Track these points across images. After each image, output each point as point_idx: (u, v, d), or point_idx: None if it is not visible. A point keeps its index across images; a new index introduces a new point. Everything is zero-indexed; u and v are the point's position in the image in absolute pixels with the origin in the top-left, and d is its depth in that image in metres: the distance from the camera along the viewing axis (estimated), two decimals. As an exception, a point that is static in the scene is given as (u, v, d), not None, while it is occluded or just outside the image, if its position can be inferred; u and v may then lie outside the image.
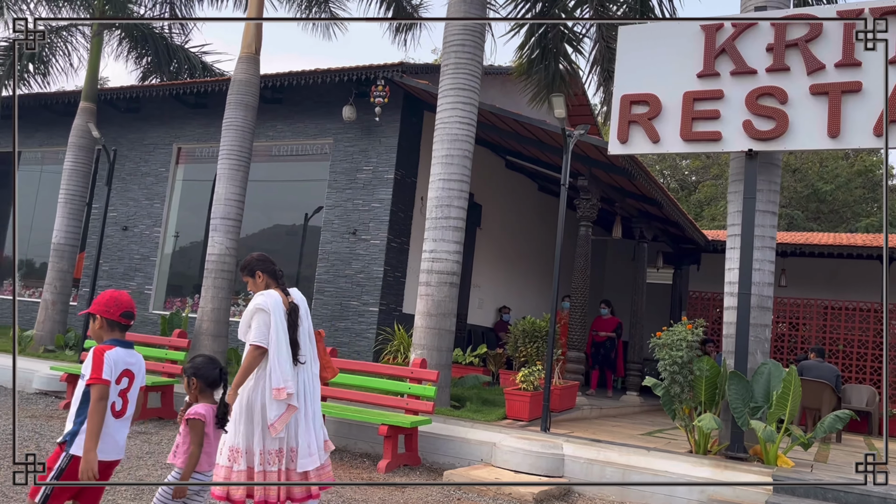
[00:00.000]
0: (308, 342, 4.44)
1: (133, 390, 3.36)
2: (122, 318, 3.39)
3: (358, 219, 11.94)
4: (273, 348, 4.17)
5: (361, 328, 11.52)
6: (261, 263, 4.49)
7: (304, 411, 4.27)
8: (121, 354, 3.30)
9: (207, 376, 3.73)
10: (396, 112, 11.79)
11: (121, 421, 3.30)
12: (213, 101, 13.42)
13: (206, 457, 3.65)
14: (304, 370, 4.36)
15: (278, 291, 4.39)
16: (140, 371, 3.42)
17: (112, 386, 3.23)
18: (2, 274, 16.04)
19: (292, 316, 4.33)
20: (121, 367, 3.28)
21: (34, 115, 15.54)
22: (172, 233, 14.18)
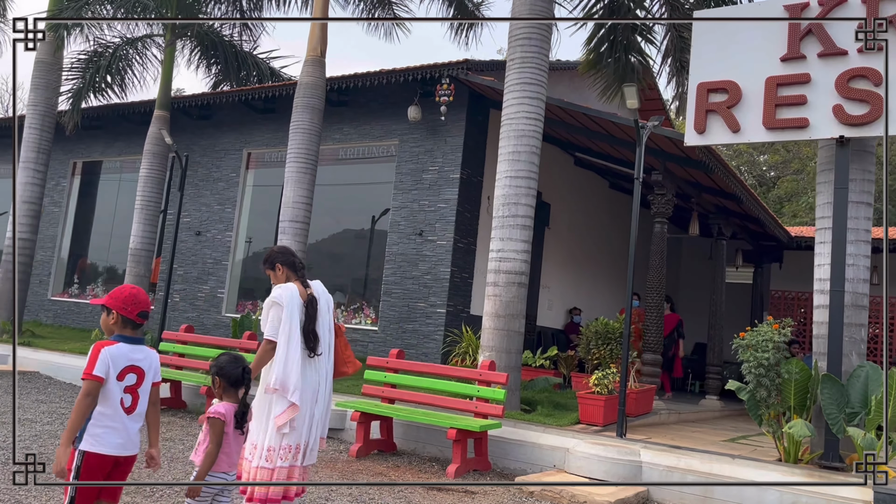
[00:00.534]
0: (327, 335, 4.40)
1: (144, 386, 3.28)
2: (138, 317, 3.32)
3: (424, 220, 11.83)
4: (281, 343, 4.16)
5: (429, 330, 11.38)
6: (281, 256, 4.48)
7: (316, 404, 4.25)
8: (123, 350, 3.22)
9: (230, 375, 3.69)
10: (462, 111, 11.62)
11: (132, 417, 3.22)
12: (281, 106, 13.57)
13: (225, 457, 3.59)
14: (321, 361, 4.32)
15: (298, 284, 4.36)
16: (150, 367, 3.32)
17: (114, 382, 3.16)
18: (85, 280, 16.66)
19: (311, 308, 4.28)
20: (122, 364, 3.20)
21: (113, 125, 16.09)
22: (244, 237, 14.41)
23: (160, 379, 3.42)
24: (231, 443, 3.62)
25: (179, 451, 6.62)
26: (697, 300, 17.40)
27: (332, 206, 13.26)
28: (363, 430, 7.30)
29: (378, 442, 7.52)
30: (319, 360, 4.31)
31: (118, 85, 14.20)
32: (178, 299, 14.44)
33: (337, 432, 8.09)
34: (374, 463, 6.98)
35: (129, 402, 3.22)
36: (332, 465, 6.67)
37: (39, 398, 8.78)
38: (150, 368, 3.32)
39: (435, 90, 11.20)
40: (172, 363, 9.20)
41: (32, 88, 13.88)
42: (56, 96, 13.98)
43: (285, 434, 4.11)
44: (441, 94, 10.96)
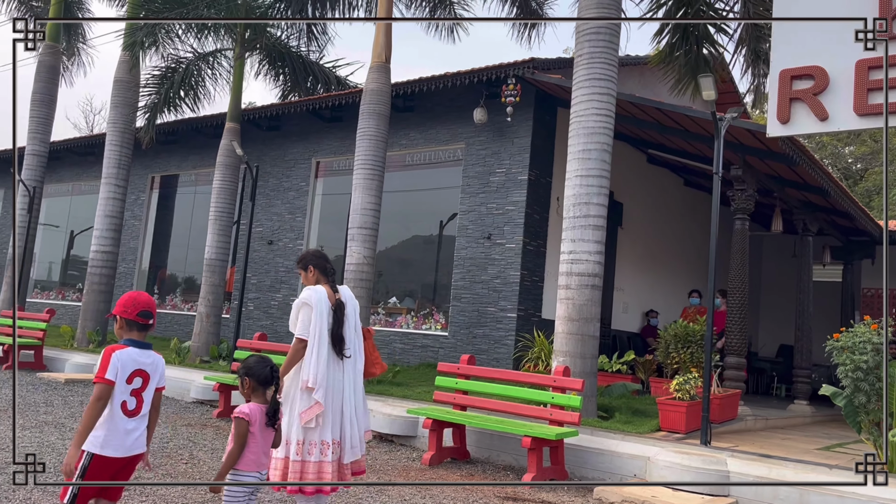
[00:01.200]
0: (354, 337, 4.56)
1: (148, 390, 3.36)
2: (139, 317, 3.37)
3: (492, 223, 11.65)
4: (312, 342, 4.34)
5: (500, 335, 11.19)
6: (315, 259, 4.65)
7: (344, 403, 4.40)
8: (132, 354, 3.30)
9: (259, 375, 3.71)
10: (528, 111, 11.41)
11: (136, 419, 3.30)
12: (348, 114, 13.66)
13: (253, 457, 3.61)
14: (349, 364, 4.49)
15: (327, 288, 4.53)
16: (156, 371, 3.39)
17: (122, 385, 3.24)
18: (165, 290, 17.18)
19: (338, 312, 4.47)
20: (131, 368, 3.28)
21: (187, 139, 16.56)
22: (315, 245, 14.56)
23: (164, 385, 3.48)
24: (259, 443, 3.63)
25: (254, 459, 6.63)
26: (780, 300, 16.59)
27: (400, 212, 13.24)
28: (436, 437, 7.17)
29: (451, 450, 7.37)
30: (346, 362, 4.47)
31: (192, 99, 14.58)
32: (252, 308, 14.69)
33: (408, 440, 7.99)
34: (447, 471, 6.83)
35: (134, 405, 3.29)
36: (404, 474, 6.56)
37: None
38: (155, 373, 3.39)
39: (500, 91, 11.02)
40: (247, 371, 9.30)
41: (112, 107, 14.40)
42: (134, 113, 14.47)
43: (311, 429, 4.25)
44: (507, 94, 10.77)
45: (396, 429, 7.99)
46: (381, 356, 12.25)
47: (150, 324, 3.43)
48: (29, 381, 10.41)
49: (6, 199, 21.04)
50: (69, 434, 6.97)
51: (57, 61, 17.31)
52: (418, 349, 12.18)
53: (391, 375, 10.22)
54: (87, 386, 10.26)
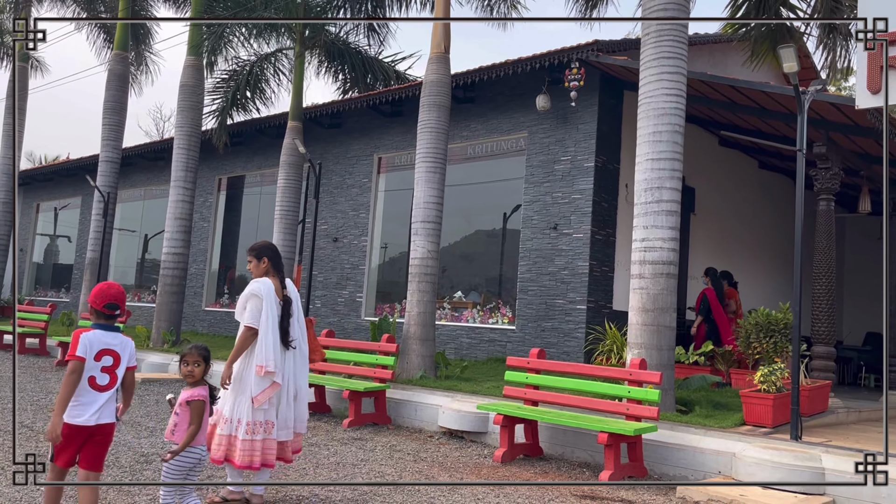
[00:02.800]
0: (298, 329, 4.88)
1: (120, 368, 3.79)
2: (105, 308, 3.81)
3: (558, 213, 11.34)
4: (262, 330, 4.63)
5: (569, 328, 10.88)
6: (270, 251, 4.92)
7: (289, 389, 4.78)
8: (98, 335, 3.74)
9: (208, 361, 4.16)
10: (593, 95, 11.04)
11: (106, 394, 3.72)
12: (408, 108, 13.55)
13: (200, 434, 4.04)
14: (295, 353, 4.86)
15: (275, 281, 4.80)
16: (124, 350, 3.82)
17: (91, 362, 3.68)
18: (234, 290, 17.48)
19: (286, 306, 4.79)
20: (98, 347, 3.72)
21: (251, 140, 16.78)
22: (379, 242, 14.54)
23: (135, 364, 3.92)
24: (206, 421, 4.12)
25: (325, 457, 6.57)
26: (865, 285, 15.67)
27: (462, 206, 13.07)
28: (507, 434, 6.97)
29: (523, 446, 7.16)
30: (295, 352, 4.85)
31: (257, 100, 14.76)
32: (320, 305, 14.78)
33: (479, 436, 7.81)
34: (520, 468, 6.63)
35: (107, 381, 3.73)
36: (476, 472, 6.39)
37: (195, 404, 9.12)
38: (123, 351, 3.81)
39: (564, 76, 10.69)
40: (316, 368, 9.28)
41: (179, 111, 14.70)
42: (200, 117, 14.72)
43: (264, 410, 4.63)
44: (570, 79, 10.44)
45: (466, 425, 7.83)
46: (448, 351, 12.14)
47: (116, 314, 3.84)
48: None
49: (84, 205, 21.83)
50: (144, 433, 7.07)
51: (126, 70, 17.80)
52: (485, 343, 11.98)
53: (459, 371, 10.06)
54: (161, 385, 10.46)
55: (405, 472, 6.17)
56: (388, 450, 7.10)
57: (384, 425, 8.47)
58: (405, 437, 7.88)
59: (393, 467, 6.35)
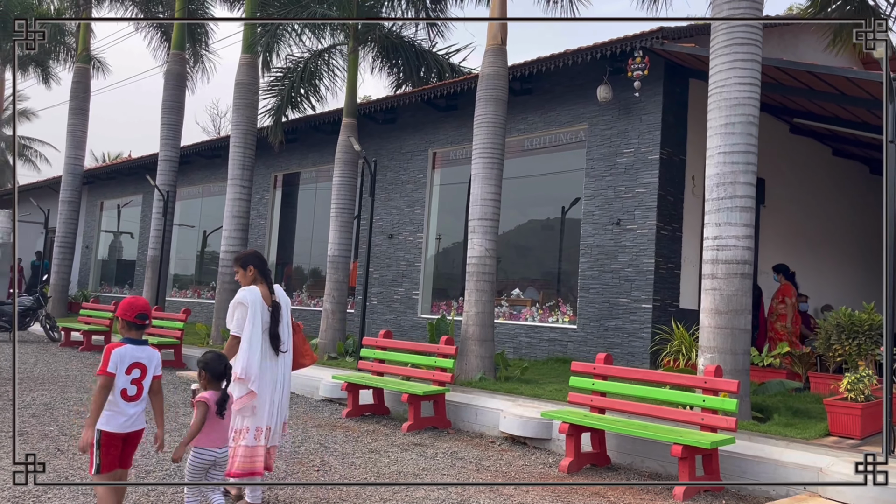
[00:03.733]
0: (287, 334, 4.97)
1: (147, 379, 4.05)
2: (136, 319, 4.08)
3: (621, 207, 10.93)
4: (245, 339, 4.72)
5: (634, 327, 10.49)
6: (255, 260, 4.96)
7: (281, 394, 4.87)
8: (129, 350, 4.00)
9: (214, 370, 4.36)
10: (657, 84, 10.58)
11: (135, 403, 4.00)
12: (463, 102, 13.29)
13: (209, 435, 4.25)
14: (284, 358, 4.94)
15: (263, 288, 4.86)
16: (151, 363, 4.07)
17: (122, 376, 3.93)
18: (291, 286, 17.55)
19: (275, 312, 4.87)
20: (128, 361, 3.97)
21: (306, 136, 16.76)
22: (434, 238, 14.35)
23: (160, 373, 4.15)
24: (213, 424, 4.27)
25: (385, 465, 6.40)
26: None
27: (519, 199, 12.76)
28: (573, 442, 6.68)
29: (590, 455, 6.86)
30: (284, 357, 4.92)
31: (312, 97, 14.70)
32: (376, 302, 14.69)
33: (543, 442, 7.54)
34: (587, 479, 6.33)
35: (135, 392, 3.99)
36: (542, 481, 6.12)
37: (255, 405, 9.09)
38: (151, 364, 4.07)
39: (626, 65, 10.26)
40: (373, 369, 9.16)
41: (234, 109, 14.75)
42: (255, 115, 14.75)
43: (245, 417, 4.70)
44: (634, 68, 10.00)
45: (530, 431, 7.57)
46: (507, 350, 11.88)
47: (147, 324, 4.15)
48: (169, 380, 10.78)
49: (145, 203, 22.28)
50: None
51: (183, 69, 18.01)
52: (545, 343, 11.67)
53: (519, 372, 9.79)
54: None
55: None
56: (450, 457, 6.90)
57: (444, 429, 8.28)
58: (466, 442, 7.67)
59: (455, 477, 6.14)
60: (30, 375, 10.37)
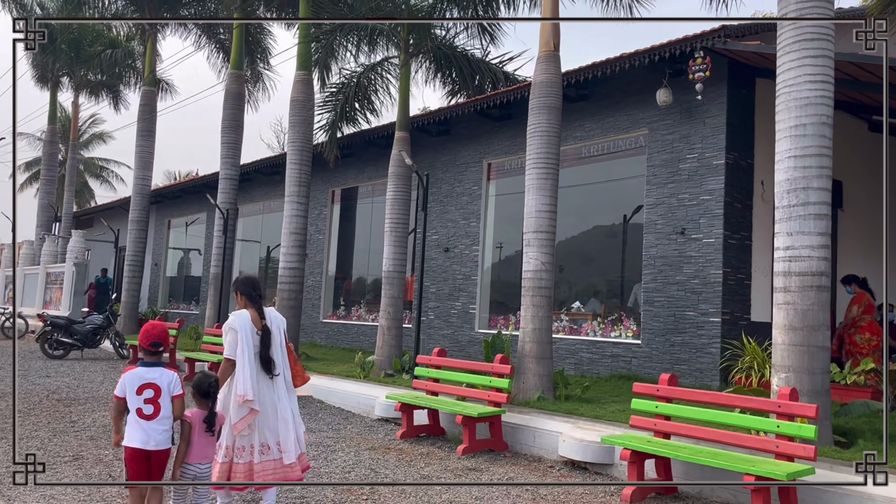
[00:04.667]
0: (280, 356, 5.10)
1: (163, 398, 4.30)
2: (149, 346, 4.39)
3: (685, 216, 10.41)
4: (239, 362, 4.89)
5: (701, 342, 9.93)
6: (242, 286, 5.17)
7: (276, 414, 5.00)
8: (138, 373, 4.32)
9: (200, 388, 4.60)
10: (721, 86, 10.05)
11: (154, 422, 4.27)
12: (518, 111, 12.99)
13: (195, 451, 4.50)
14: (278, 380, 5.06)
15: (252, 312, 5.04)
16: (163, 381, 4.33)
17: (133, 397, 4.26)
18: (350, 301, 17.54)
19: (265, 336, 5.01)
20: (138, 383, 4.27)
21: (362, 151, 16.75)
22: (490, 251, 14.07)
23: (180, 392, 4.39)
24: (199, 441, 4.51)
25: (437, 493, 6.13)
26: None
27: (578, 204, 12.35)
28: (636, 469, 6.27)
29: (655, 483, 6.41)
30: (276, 379, 5.04)
31: (366, 111, 14.67)
32: (433, 317, 14.48)
33: (604, 468, 7.15)
34: (647, 511, 5.92)
35: (151, 411, 4.26)
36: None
37: (311, 426, 8.97)
38: (163, 383, 4.32)
39: (687, 67, 9.77)
40: (428, 389, 8.91)
41: (290, 127, 14.84)
42: (311, 131, 14.80)
43: (246, 435, 4.88)
44: (695, 69, 9.51)
45: (590, 456, 7.18)
46: (567, 366, 11.47)
47: (159, 350, 4.41)
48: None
49: (209, 221, 22.75)
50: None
51: (241, 88, 18.29)
52: (608, 359, 11.21)
53: (580, 391, 9.38)
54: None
55: (523, 518, 5.64)
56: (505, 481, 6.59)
57: (500, 452, 7.96)
58: (523, 467, 7.33)
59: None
60: (94, 395, 10.55)
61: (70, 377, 12.31)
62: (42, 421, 8.37)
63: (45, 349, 14.92)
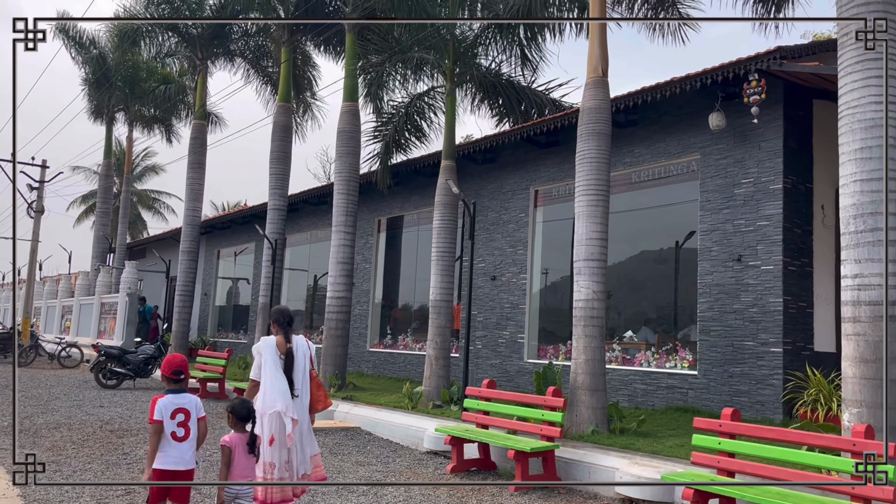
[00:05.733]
0: (301, 379, 5.63)
1: (192, 421, 4.68)
2: (172, 374, 4.76)
3: (742, 242, 10.08)
4: (263, 381, 5.49)
5: (762, 374, 9.54)
6: (275, 315, 5.84)
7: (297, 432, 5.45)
8: (170, 399, 4.67)
9: (238, 413, 4.94)
10: (776, 108, 9.76)
11: (185, 443, 4.64)
12: (565, 137, 12.86)
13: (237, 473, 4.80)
14: (297, 402, 5.54)
15: (280, 338, 5.66)
16: (192, 407, 4.71)
17: (168, 422, 4.59)
18: (397, 330, 17.46)
19: (288, 359, 5.59)
20: (171, 408, 4.63)
21: (408, 180, 16.78)
22: (539, 279, 13.87)
23: (203, 414, 4.79)
24: (240, 463, 4.82)
25: (490, 535, 5.94)
26: None
27: (627, 231, 12.10)
28: (699, 511, 5.97)
29: (720, 526, 6.10)
30: (297, 400, 5.54)
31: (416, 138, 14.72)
32: (481, 346, 14.29)
33: (664, 507, 6.83)
34: (719, 557, 5.61)
35: (182, 434, 4.63)
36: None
37: (359, 459, 8.86)
38: (193, 408, 4.71)
39: (741, 90, 9.52)
40: (478, 421, 8.72)
41: (337, 157, 14.96)
42: (357, 161, 14.90)
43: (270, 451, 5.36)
44: (750, 92, 9.25)
45: (649, 494, 6.91)
46: (620, 398, 11.15)
47: (181, 378, 4.77)
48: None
49: (257, 251, 23.05)
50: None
51: (289, 120, 18.58)
52: (663, 390, 10.86)
53: (636, 424, 9.07)
54: (327, 434, 10.36)
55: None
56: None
57: (555, 489, 7.71)
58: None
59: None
60: (146, 426, 10.62)
61: (123, 407, 12.46)
62: (95, 453, 8.43)
63: (98, 379, 15.18)
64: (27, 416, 10.94)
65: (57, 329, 30.88)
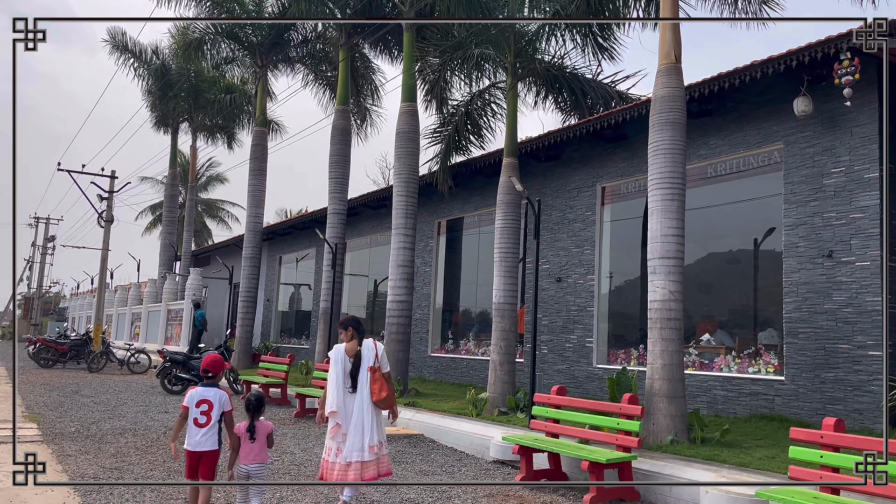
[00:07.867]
0: (364, 378, 6.24)
1: (214, 411, 5.47)
2: (203, 372, 5.67)
3: (833, 237, 9.30)
4: (328, 385, 6.29)
5: (860, 379, 8.75)
6: (349, 323, 6.45)
7: (355, 421, 6.14)
8: (199, 391, 5.51)
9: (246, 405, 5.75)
10: (870, 90, 8.97)
11: (204, 429, 5.42)
12: (633, 131, 12.23)
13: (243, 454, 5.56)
14: (358, 394, 6.22)
15: (352, 343, 6.32)
16: (217, 400, 5.49)
17: (193, 409, 5.44)
18: (458, 334, 17.04)
19: (355, 360, 6.26)
20: (197, 398, 5.47)
21: (467, 181, 16.36)
22: (607, 280, 13.24)
23: (230, 408, 5.56)
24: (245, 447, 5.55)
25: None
26: None
27: (697, 230, 11.38)
28: (802, 532, 5.34)
29: (826, 550, 5.45)
30: (358, 393, 6.21)
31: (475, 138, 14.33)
32: (546, 351, 13.75)
33: (760, 527, 6.19)
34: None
35: (204, 421, 5.42)
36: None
37: (423, 468, 8.48)
38: (217, 400, 5.48)
39: (831, 71, 8.76)
40: (547, 430, 8.22)
41: (396, 158, 14.68)
42: (416, 163, 14.58)
43: (332, 438, 6.14)
44: (842, 73, 8.49)
45: (741, 510, 6.26)
46: (700, 405, 10.46)
47: (211, 375, 5.64)
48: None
49: (318, 256, 23.02)
50: None
51: (347, 123, 18.44)
52: (746, 397, 10.11)
53: (719, 434, 8.41)
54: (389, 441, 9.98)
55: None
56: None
57: (632, 502, 7.14)
58: (661, 522, 6.50)
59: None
60: (207, 432, 10.50)
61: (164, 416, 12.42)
62: (158, 459, 8.28)
63: (164, 385, 15.26)
64: (94, 422, 10.97)
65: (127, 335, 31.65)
